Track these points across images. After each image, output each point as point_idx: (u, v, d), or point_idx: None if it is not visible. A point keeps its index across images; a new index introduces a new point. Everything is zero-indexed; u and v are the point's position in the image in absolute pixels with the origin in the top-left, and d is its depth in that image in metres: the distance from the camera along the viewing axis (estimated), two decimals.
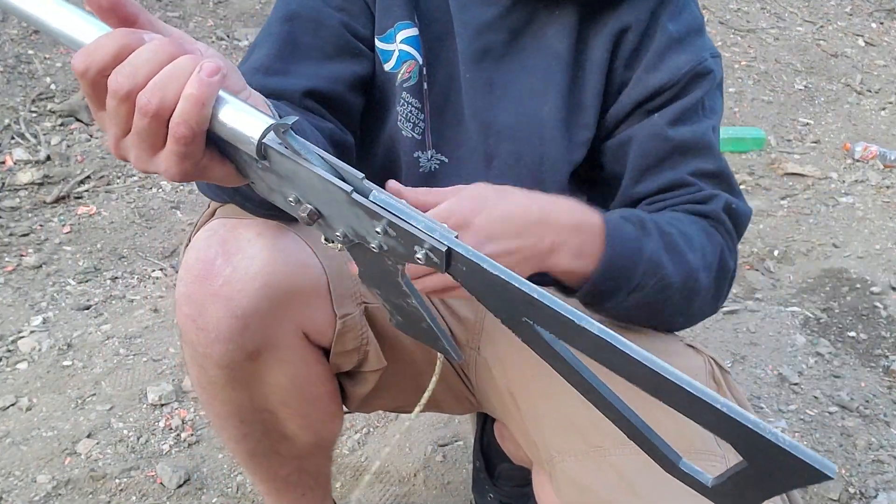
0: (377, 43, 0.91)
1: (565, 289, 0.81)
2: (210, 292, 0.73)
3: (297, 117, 0.50)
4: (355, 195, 0.49)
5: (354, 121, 0.90)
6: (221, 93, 0.49)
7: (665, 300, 0.81)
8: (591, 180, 0.98)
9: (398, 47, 0.90)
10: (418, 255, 0.48)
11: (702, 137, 0.87)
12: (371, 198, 0.49)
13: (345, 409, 1.00)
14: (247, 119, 0.49)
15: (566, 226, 0.74)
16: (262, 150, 0.49)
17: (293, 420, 0.89)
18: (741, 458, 0.44)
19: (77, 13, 0.50)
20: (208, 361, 0.78)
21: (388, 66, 0.91)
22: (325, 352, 0.87)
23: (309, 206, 0.51)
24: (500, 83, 0.91)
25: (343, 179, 0.50)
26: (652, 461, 0.52)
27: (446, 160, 0.94)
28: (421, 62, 0.90)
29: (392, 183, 0.73)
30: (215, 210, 0.85)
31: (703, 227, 0.84)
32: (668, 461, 0.51)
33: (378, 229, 0.49)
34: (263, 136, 0.48)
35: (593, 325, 0.44)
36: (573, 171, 0.93)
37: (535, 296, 0.45)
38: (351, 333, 0.84)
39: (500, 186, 0.74)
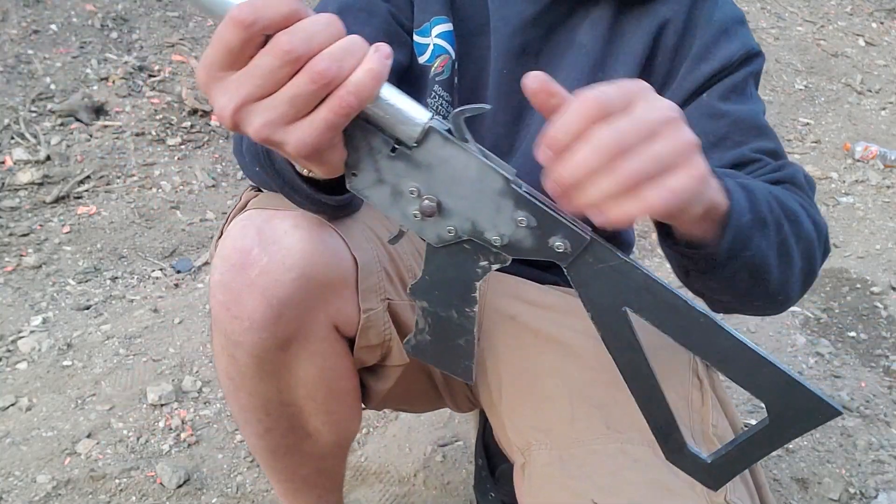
0: (414, 36, 0.92)
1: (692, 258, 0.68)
2: (246, 282, 0.73)
3: (485, 106, 0.52)
4: (513, 185, 0.52)
5: None
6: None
7: (785, 240, 0.71)
8: None
9: (433, 41, 0.92)
10: (556, 244, 0.53)
11: (756, 117, 0.86)
12: (523, 190, 0.53)
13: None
14: (409, 103, 0.51)
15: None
16: (425, 133, 0.51)
17: (318, 416, 0.89)
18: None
19: None
20: (240, 350, 0.78)
21: (422, 59, 0.92)
22: (352, 346, 0.88)
23: (432, 197, 0.53)
24: None
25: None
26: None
27: None
28: (454, 57, 0.92)
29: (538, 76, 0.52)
30: (247, 202, 0.85)
31: (788, 191, 0.79)
32: (675, 444, 0.59)
33: (521, 219, 0.53)
34: (431, 118, 0.51)
35: (698, 306, 0.53)
36: None
37: (654, 278, 0.52)
38: (374, 329, 0.85)
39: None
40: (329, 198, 0.70)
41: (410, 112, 0.51)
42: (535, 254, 0.54)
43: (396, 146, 0.52)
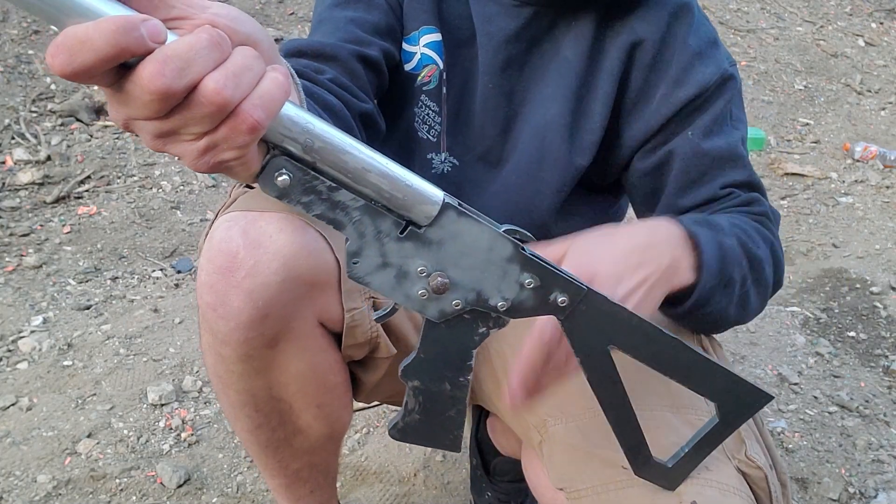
0: (402, 44, 0.94)
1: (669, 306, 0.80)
2: (233, 284, 0.74)
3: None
4: (522, 249, 0.53)
5: (376, 100, 0.93)
6: (386, 161, 0.48)
7: (746, 292, 0.83)
8: (600, 188, 1.02)
9: (421, 50, 0.94)
10: (559, 299, 0.56)
11: (734, 149, 0.91)
12: (528, 252, 0.54)
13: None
14: (423, 181, 0.50)
15: (672, 241, 0.75)
16: (442, 210, 0.50)
17: (308, 410, 0.89)
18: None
19: None
20: (228, 348, 0.79)
21: (408, 67, 0.94)
22: (339, 340, 0.88)
23: (443, 274, 0.53)
24: (519, 91, 0.95)
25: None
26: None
27: (457, 163, 0.98)
28: (442, 67, 0.94)
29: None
30: (235, 199, 0.86)
31: (755, 224, 0.87)
32: (644, 458, 0.66)
33: (527, 281, 0.54)
34: (444, 194, 0.50)
35: (667, 332, 0.59)
36: (582, 178, 0.96)
37: (637, 315, 0.58)
38: (360, 328, 0.86)
39: (598, 231, 0.73)
40: None
41: (427, 190, 0.49)
42: (536, 311, 0.56)
43: (406, 227, 0.51)
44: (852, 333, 2.11)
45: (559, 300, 0.55)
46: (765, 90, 3.82)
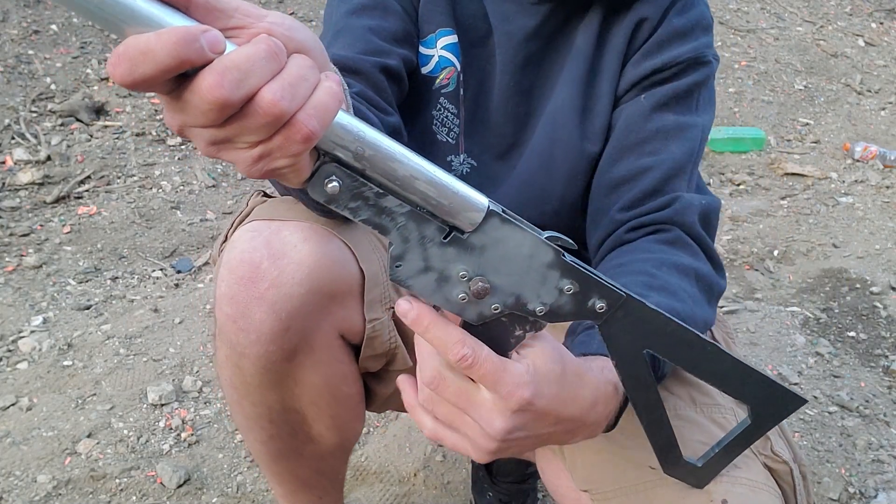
0: (418, 47, 0.94)
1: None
2: (255, 295, 0.73)
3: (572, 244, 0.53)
4: (563, 257, 0.54)
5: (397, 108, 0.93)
6: (434, 169, 0.48)
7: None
8: None
9: (438, 53, 0.93)
10: (597, 305, 0.56)
11: (682, 129, 0.88)
12: (569, 259, 0.55)
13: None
14: (468, 187, 0.50)
15: (603, 401, 0.65)
16: (486, 217, 0.51)
17: (321, 421, 0.89)
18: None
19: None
20: (246, 361, 0.78)
21: (425, 70, 0.94)
22: (355, 351, 0.88)
23: (484, 278, 0.53)
24: (538, 87, 0.95)
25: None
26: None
27: (475, 164, 0.98)
28: (459, 69, 0.94)
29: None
30: (252, 209, 0.85)
31: (676, 264, 0.81)
32: (674, 458, 0.66)
33: (567, 287, 0.55)
34: (489, 201, 0.51)
35: (705, 337, 0.60)
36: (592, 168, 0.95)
37: (674, 319, 0.58)
38: (379, 338, 0.86)
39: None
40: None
41: (473, 198, 0.50)
42: (574, 316, 0.56)
43: (450, 233, 0.51)
44: (852, 333, 2.11)
45: (597, 306, 0.56)
46: (765, 90, 3.82)
